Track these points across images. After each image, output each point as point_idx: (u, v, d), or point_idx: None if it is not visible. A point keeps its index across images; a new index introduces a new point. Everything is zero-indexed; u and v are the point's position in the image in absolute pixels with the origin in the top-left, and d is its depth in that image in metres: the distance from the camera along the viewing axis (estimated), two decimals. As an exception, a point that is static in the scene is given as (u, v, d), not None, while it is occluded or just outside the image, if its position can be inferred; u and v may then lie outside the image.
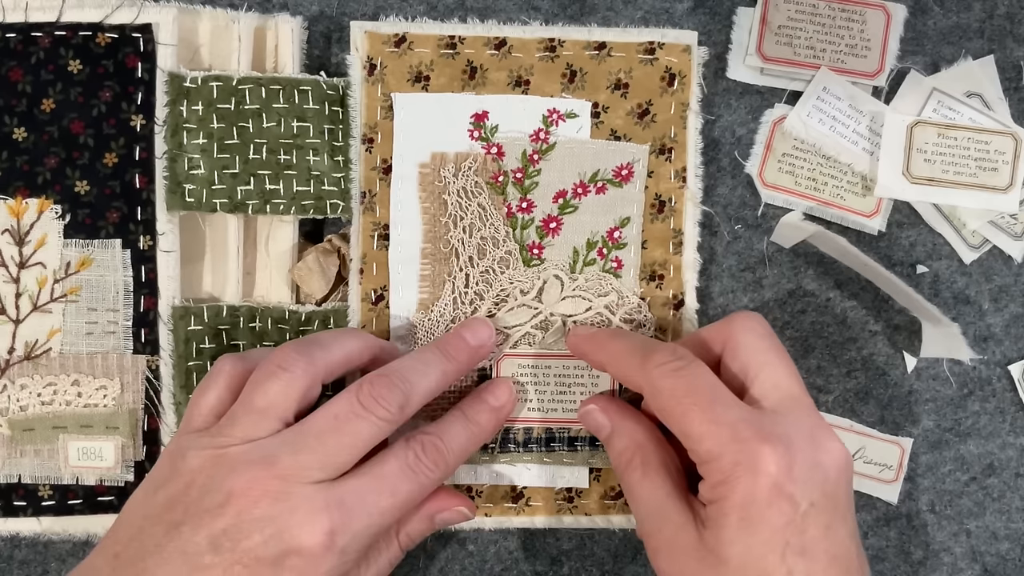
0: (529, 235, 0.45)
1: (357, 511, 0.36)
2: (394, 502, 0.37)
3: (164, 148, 0.43)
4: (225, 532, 0.34)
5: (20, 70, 0.43)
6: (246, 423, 0.37)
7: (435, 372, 0.40)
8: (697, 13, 0.47)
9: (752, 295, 0.47)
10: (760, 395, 0.37)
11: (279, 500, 0.35)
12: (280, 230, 0.46)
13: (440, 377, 0.40)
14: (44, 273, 0.44)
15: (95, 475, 0.44)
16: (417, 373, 0.39)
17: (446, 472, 0.40)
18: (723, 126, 0.47)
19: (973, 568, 0.48)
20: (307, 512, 0.35)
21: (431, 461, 0.38)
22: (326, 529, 0.35)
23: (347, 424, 0.37)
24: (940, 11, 0.48)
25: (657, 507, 0.38)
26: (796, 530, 0.34)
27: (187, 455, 0.37)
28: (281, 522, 0.35)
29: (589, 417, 0.43)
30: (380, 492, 0.37)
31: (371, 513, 0.36)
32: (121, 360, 0.44)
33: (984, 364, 0.48)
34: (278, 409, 0.37)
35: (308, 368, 0.38)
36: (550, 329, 0.45)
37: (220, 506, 0.35)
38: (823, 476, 0.35)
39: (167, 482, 0.37)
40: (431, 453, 0.39)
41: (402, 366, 0.39)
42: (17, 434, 0.44)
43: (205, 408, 0.39)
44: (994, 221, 0.47)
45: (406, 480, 0.38)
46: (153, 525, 0.36)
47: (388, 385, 0.38)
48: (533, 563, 0.47)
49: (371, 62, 0.44)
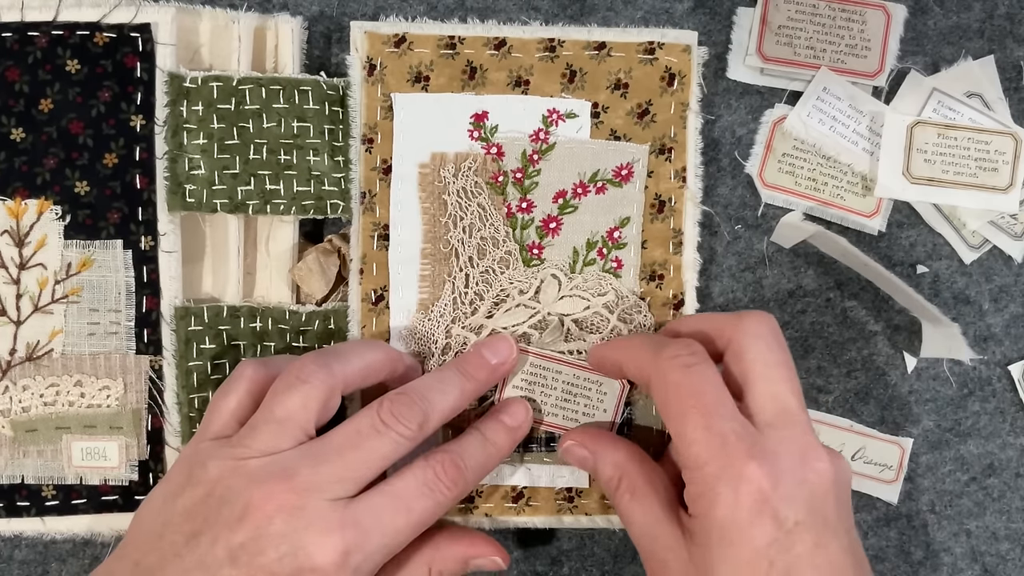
0: (529, 235, 0.45)
1: (373, 530, 0.36)
2: (409, 520, 0.37)
3: (164, 148, 0.43)
4: (243, 546, 0.35)
5: (17, 70, 0.43)
6: (266, 434, 0.37)
7: (454, 391, 0.40)
8: (697, 13, 0.47)
9: (752, 295, 0.47)
10: (756, 406, 0.37)
11: (294, 516, 0.35)
12: (280, 230, 0.46)
13: (459, 396, 0.40)
14: (45, 274, 0.44)
15: (99, 475, 0.44)
16: (436, 392, 0.39)
17: (463, 491, 0.39)
18: (723, 126, 0.47)
19: (973, 568, 0.48)
20: (321, 530, 0.35)
21: (450, 479, 0.38)
22: (340, 549, 0.35)
23: (366, 440, 0.37)
24: (940, 11, 0.48)
25: (649, 528, 0.38)
26: (781, 548, 0.34)
27: (207, 464, 0.37)
28: (296, 539, 0.35)
29: (570, 454, 0.43)
30: (396, 511, 0.37)
31: (386, 532, 0.36)
32: (124, 360, 0.44)
33: (984, 364, 0.48)
34: (298, 421, 0.37)
35: (327, 380, 0.38)
36: (547, 328, 0.45)
37: (238, 519, 0.35)
38: (809, 493, 0.35)
39: (185, 490, 0.37)
40: (450, 471, 0.38)
41: (422, 385, 0.40)
42: (20, 435, 0.44)
43: (226, 413, 0.39)
44: (994, 221, 0.47)
45: (423, 498, 0.37)
46: (173, 533, 0.36)
47: (408, 403, 0.38)
48: (533, 563, 0.47)
49: (371, 62, 0.44)
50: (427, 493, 0.38)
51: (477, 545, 0.41)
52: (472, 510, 0.45)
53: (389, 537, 0.36)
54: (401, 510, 0.37)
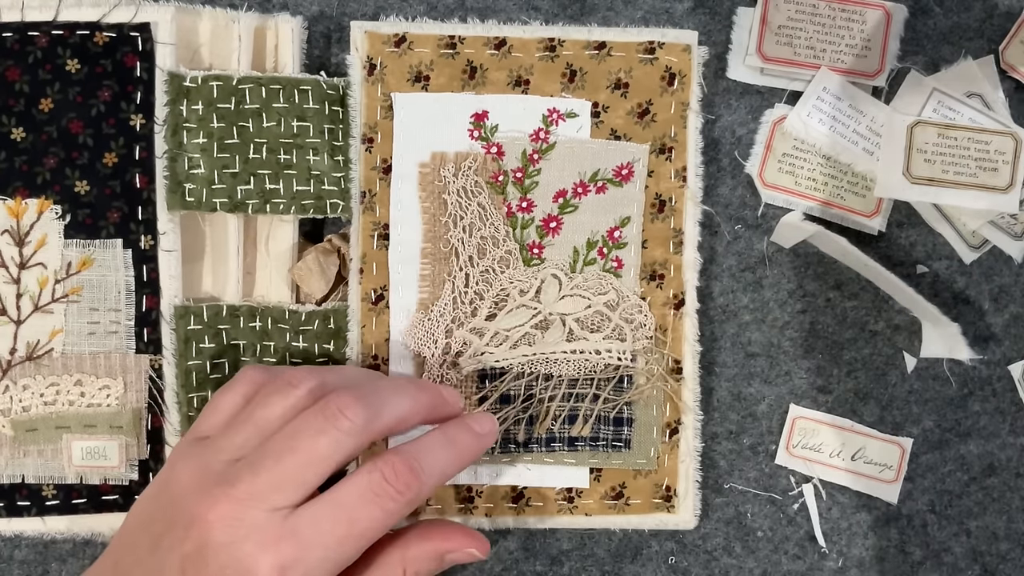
0: (529, 235, 0.45)
1: (312, 543, 0.34)
2: (352, 531, 0.34)
3: (164, 148, 0.43)
4: (189, 556, 0.33)
5: (17, 70, 0.43)
6: (239, 437, 0.36)
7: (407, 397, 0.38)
8: (697, 13, 0.47)
9: (752, 295, 0.47)
10: None
11: (232, 527, 0.33)
12: (280, 230, 0.46)
13: (412, 403, 0.38)
14: (45, 273, 0.44)
15: (99, 474, 0.44)
16: (388, 392, 0.37)
17: (418, 496, 0.36)
18: (723, 126, 0.47)
19: (973, 568, 0.48)
20: (257, 543, 0.33)
21: (401, 483, 0.35)
22: (275, 564, 0.33)
23: (304, 441, 0.35)
24: (940, 11, 0.48)
25: None
26: None
27: (177, 465, 0.36)
28: (235, 551, 0.33)
29: None
30: (337, 521, 0.34)
31: (327, 545, 0.34)
32: (124, 360, 0.44)
33: (984, 364, 0.48)
34: (276, 426, 0.36)
35: (315, 390, 0.37)
36: (549, 328, 0.45)
37: (186, 528, 0.34)
38: None
39: (159, 492, 0.36)
40: (402, 475, 0.35)
41: (373, 385, 0.38)
42: (20, 434, 0.44)
43: (216, 415, 0.38)
44: (994, 221, 0.47)
45: (367, 506, 0.34)
46: (143, 536, 0.35)
47: (354, 397, 0.35)
48: (533, 563, 0.47)
49: (371, 62, 0.44)
50: (371, 500, 0.35)
51: (451, 539, 0.39)
52: (472, 510, 0.45)
53: (332, 550, 0.34)
54: (343, 520, 0.34)
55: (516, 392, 0.45)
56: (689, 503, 0.46)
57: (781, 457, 0.47)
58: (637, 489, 0.45)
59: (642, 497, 0.45)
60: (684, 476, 0.45)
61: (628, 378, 0.45)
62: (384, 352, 0.45)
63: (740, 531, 0.47)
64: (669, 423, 0.45)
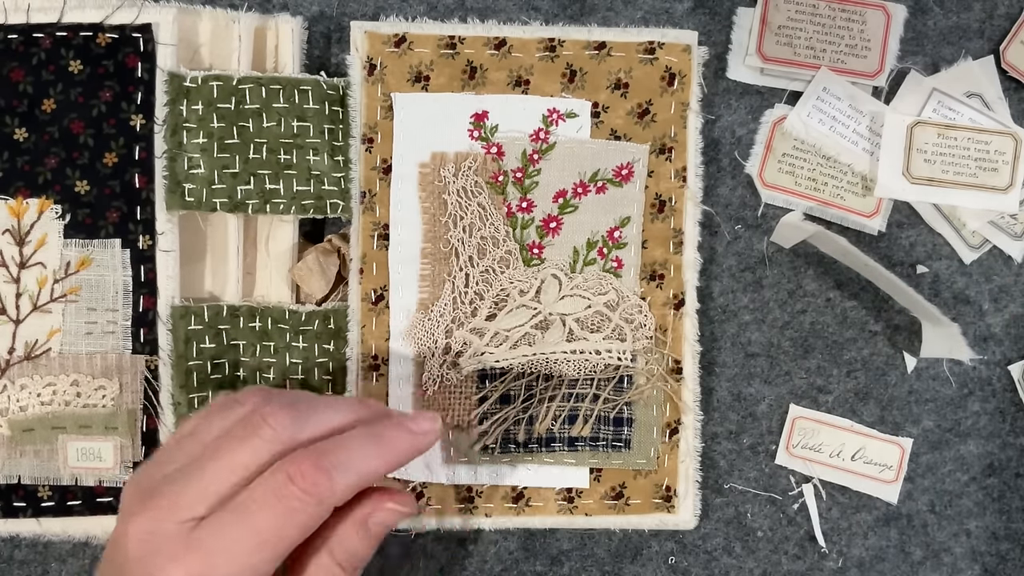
0: (529, 235, 0.45)
1: (219, 554, 0.32)
2: (259, 539, 0.32)
3: (164, 148, 0.43)
4: (121, 568, 0.33)
5: (21, 71, 0.43)
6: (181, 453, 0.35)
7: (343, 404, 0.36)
8: (697, 13, 0.47)
9: (752, 295, 0.47)
10: None
11: (145, 542, 0.32)
12: (280, 230, 0.46)
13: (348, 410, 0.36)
14: (44, 273, 0.44)
15: (94, 476, 0.44)
16: (321, 401, 0.35)
17: (330, 498, 0.33)
18: (723, 126, 0.47)
19: (973, 568, 0.48)
20: (167, 558, 0.32)
21: (308, 483, 0.32)
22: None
23: (225, 450, 0.33)
24: (940, 11, 0.48)
25: None
26: None
27: (138, 474, 0.35)
28: (148, 565, 0.32)
29: None
30: (241, 528, 0.32)
31: (233, 555, 0.32)
32: (120, 360, 0.44)
33: (984, 364, 0.48)
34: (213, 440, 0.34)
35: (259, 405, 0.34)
36: (549, 328, 0.45)
37: (116, 541, 0.33)
38: None
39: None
40: (308, 475, 0.32)
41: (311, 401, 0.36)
42: (17, 434, 0.44)
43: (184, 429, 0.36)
44: (994, 221, 0.47)
45: (270, 511, 0.32)
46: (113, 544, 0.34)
47: (280, 406, 0.34)
48: (533, 563, 0.47)
49: (371, 62, 0.44)
50: (274, 503, 0.32)
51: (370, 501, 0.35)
52: (472, 510, 0.45)
53: (241, 560, 0.32)
54: (246, 527, 0.32)
55: (516, 392, 0.45)
56: (689, 503, 0.45)
57: (781, 457, 0.47)
58: (637, 489, 0.45)
59: (642, 497, 0.45)
60: (684, 476, 0.45)
61: (628, 378, 0.45)
62: (384, 352, 0.44)
63: (740, 531, 0.47)
64: (669, 423, 0.45)
